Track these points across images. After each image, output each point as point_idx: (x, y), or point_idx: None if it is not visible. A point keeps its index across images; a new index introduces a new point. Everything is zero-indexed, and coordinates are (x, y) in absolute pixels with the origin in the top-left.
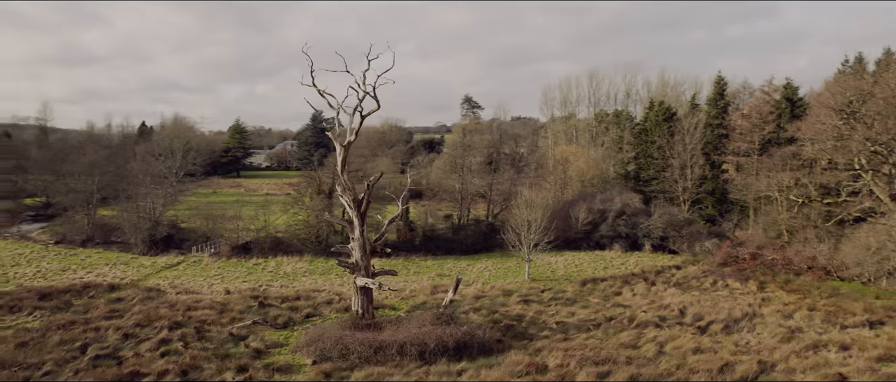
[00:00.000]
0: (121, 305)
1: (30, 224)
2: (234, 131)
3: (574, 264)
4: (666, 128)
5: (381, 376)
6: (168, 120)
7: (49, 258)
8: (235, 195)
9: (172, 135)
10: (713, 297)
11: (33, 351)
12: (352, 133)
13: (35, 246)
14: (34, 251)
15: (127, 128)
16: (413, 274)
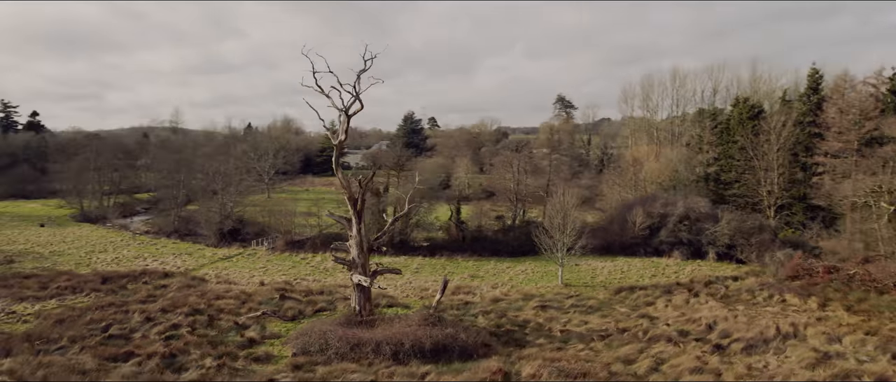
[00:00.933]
0: (160, 292)
1: (141, 216)
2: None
3: (620, 271)
4: (750, 126)
5: (345, 373)
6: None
7: (131, 246)
8: (322, 192)
9: (272, 135)
10: (758, 313)
11: (64, 328)
12: (342, 132)
13: (125, 235)
14: (123, 240)
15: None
16: (447, 274)
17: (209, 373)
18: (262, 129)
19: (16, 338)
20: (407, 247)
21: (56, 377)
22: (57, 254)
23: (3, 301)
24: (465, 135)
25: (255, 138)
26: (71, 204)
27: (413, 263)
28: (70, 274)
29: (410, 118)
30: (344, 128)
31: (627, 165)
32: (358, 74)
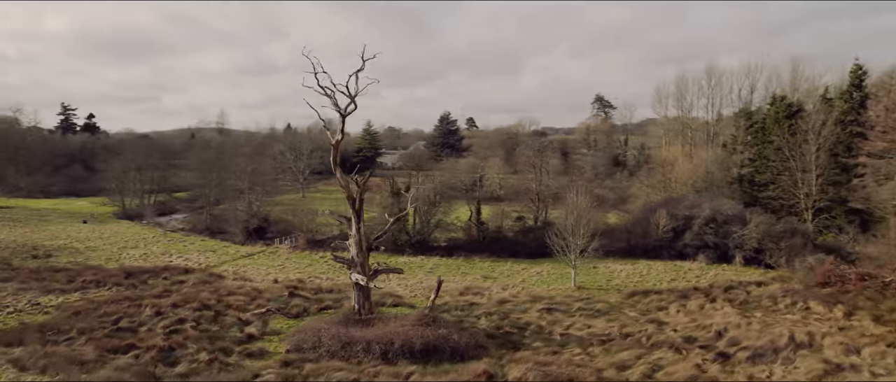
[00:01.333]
0: (176, 287)
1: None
2: (365, 133)
3: (639, 274)
4: (787, 125)
5: (331, 370)
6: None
7: (161, 243)
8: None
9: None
10: (775, 321)
11: (77, 320)
12: (339, 132)
13: (157, 232)
14: (155, 236)
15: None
16: (460, 274)
17: (199, 367)
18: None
19: (31, 329)
20: (425, 247)
21: (55, 366)
22: (91, 250)
23: (33, 293)
24: (500, 136)
25: (294, 138)
26: (114, 202)
27: (429, 263)
28: (98, 268)
29: (446, 118)
30: (340, 128)
31: (657, 167)
32: (355, 74)
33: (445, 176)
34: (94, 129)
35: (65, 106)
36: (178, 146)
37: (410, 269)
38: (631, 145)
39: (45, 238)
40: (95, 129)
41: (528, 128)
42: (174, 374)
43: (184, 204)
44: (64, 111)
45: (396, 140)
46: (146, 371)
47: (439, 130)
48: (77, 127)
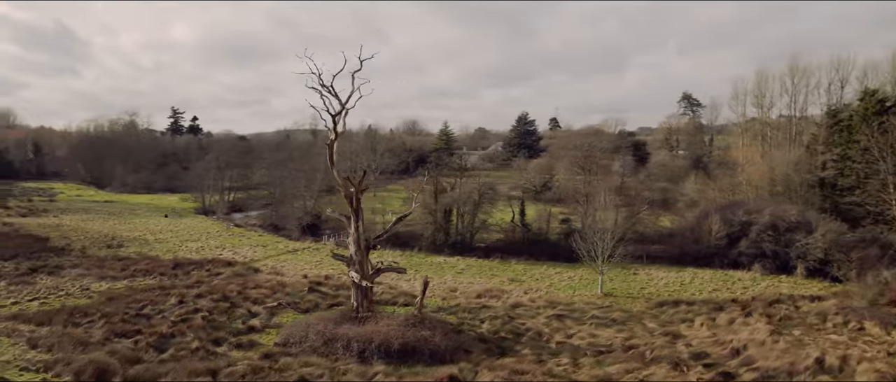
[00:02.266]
0: (209, 278)
1: (252, 212)
2: (441, 134)
3: (680, 282)
4: (877, 123)
5: (304, 365)
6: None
7: (221, 237)
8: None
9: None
10: (811, 341)
11: (108, 305)
12: (332, 132)
13: (221, 227)
14: (218, 231)
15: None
16: (488, 276)
17: (184, 354)
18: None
19: (64, 311)
20: (465, 248)
21: (60, 347)
22: (158, 242)
23: (89, 279)
24: (580, 137)
25: (373, 139)
26: (195, 198)
27: (462, 264)
28: (153, 259)
29: (523, 119)
30: (333, 128)
31: (726, 168)
32: (352, 74)
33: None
34: (197, 131)
35: (174, 109)
36: (266, 147)
37: (442, 269)
38: (716, 145)
39: (125, 230)
40: (198, 131)
41: (614, 129)
42: (157, 359)
43: (260, 202)
44: (173, 114)
45: (480, 141)
46: (134, 355)
47: (516, 131)
48: (183, 129)
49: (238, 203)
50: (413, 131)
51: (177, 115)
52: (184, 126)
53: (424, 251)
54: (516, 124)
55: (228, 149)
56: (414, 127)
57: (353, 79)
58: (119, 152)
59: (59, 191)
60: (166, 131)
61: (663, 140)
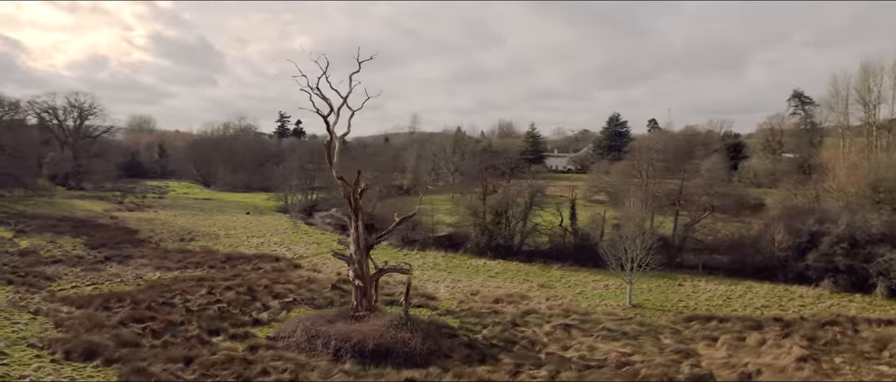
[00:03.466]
0: (250, 272)
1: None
2: (527, 136)
3: (727, 296)
4: None
5: (280, 359)
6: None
7: (286, 234)
8: None
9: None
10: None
11: (145, 293)
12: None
13: (289, 224)
14: (284, 228)
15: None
16: (520, 281)
17: (175, 341)
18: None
19: (102, 297)
20: (508, 251)
21: (74, 327)
22: (226, 237)
23: (147, 268)
24: (675, 139)
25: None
26: (278, 197)
27: (499, 268)
28: (211, 252)
29: (615, 120)
30: (328, 130)
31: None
32: (350, 77)
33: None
34: (300, 134)
35: (281, 114)
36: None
37: (476, 273)
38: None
39: (205, 225)
40: (301, 134)
41: (719, 129)
42: (150, 344)
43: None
44: (280, 118)
45: (581, 143)
46: (133, 339)
47: (606, 133)
48: (288, 132)
49: (320, 202)
50: (507, 133)
51: (283, 119)
52: (289, 129)
53: (469, 253)
54: (607, 125)
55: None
56: (508, 129)
57: (350, 81)
58: (224, 154)
59: (172, 188)
60: (273, 134)
61: (765, 142)
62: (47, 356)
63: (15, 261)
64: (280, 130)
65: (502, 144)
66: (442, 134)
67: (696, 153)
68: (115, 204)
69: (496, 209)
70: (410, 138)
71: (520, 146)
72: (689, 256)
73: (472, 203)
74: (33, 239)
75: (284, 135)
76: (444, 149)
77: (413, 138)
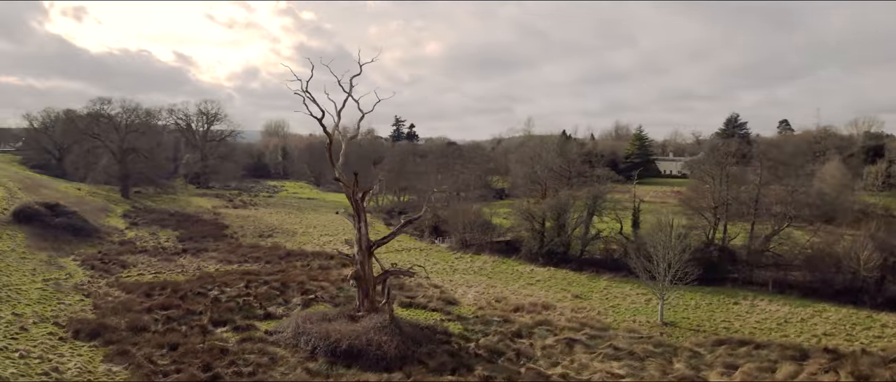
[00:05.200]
0: (297, 267)
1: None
2: (634, 138)
3: (784, 319)
4: None
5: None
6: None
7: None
8: None
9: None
10: None
11: (192, 283)
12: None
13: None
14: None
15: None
16: (557, 290)
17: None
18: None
19: (148, 285)
20: (557, 258)
21: (106, 311)
22: (303, 234)
23: (211, 261)
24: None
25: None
26: (370, 198)
27: (542, 275)
28: (277, 248)
29: (733, 121)
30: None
31: None
32: (350, 79)
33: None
34: (413, 137)
35: (397, 118)
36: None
37: (516, 278)
38: None
39: (290, 222)
40: (414, 137)
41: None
42: (156, 329)
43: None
44: (396, 122)
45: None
46: (142, 324)
47: (723, 135)
48: (403, 135)
49: (411, 203)
50: (619, 135)
51: (398, 123)
52: (403, 133)
53: (522, 259)
54: (724, 127)
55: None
56: (624, 131)
57: (351, 83)
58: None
59: (285, 188)
60: (388, 138)
61: None
62: (60, 333)
63: (110, 249)
64: (395, 134)
65: (610, 147)
66: (548, 136)
67: (828, 156)
68: (225, 201)
69: (549, 214)
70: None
71: (626, 149)
72: (762, 272)
73: (526, 207)
74: (139, 231)
75: (399, 138)
76: (540, 153)
77: (523, 141)
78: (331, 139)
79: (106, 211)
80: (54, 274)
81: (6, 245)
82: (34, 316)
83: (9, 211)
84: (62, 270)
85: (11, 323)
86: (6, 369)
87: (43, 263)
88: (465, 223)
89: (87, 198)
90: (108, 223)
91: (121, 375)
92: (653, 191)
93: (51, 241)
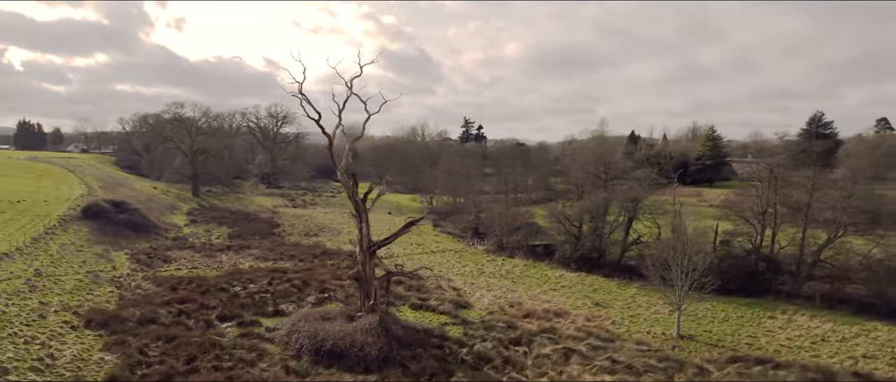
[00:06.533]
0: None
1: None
2: (706, 139)
3: (819, 338)
4: None
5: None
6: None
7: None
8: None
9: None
10: None
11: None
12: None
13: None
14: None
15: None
16: (578, 296)
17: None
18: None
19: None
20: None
21: (127, 302)
22: (347, 233)
23: (248, 258)
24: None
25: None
26: (422, 199)
27: (569, 280)
28: (315, 247)
29: (816, 120)
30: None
31: None
32: (350, 81)
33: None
34: (481, 139)
35: (466, 119)
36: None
37: (541, 283)
38: None
39: (339, 222)
40: (482, 139)
41: None
42: (163, 321)
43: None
44: (465, 124)
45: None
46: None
47: (803, 136)
48: (472, 136)
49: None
50: (696, 136)
51: (468, 125)
52: (472, 134)
53: (555, 263)
54: (806, 127)
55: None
56: (695, 133)
57: (351, 84)
58: (398, 157)
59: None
60: (457, 139)
61: None
62: (75, 322)
63: (162, 245)
64: (464, 135)
65: (682, 148)
66: (609, 137)
67: None
68: (288, 201)
69: (586, 217)
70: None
71: (697, 150)
72: (812, 284)
73: (560, 210)
74: (196, 228)
75: (467, 139)
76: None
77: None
78: (331, 140)
79: (173, 209)
80: (100, 267)
81: (69, 238)
82: (58, 305)
83: (80, 207)
84: (110, 263)
85: (34, 311)
86: (5, 353)
87: (96, 256)
88: (502, 225)
89: (158, 197)
90: (170, 220)
91: (111, 363)
92: (722, 194)
93: (110, 236)
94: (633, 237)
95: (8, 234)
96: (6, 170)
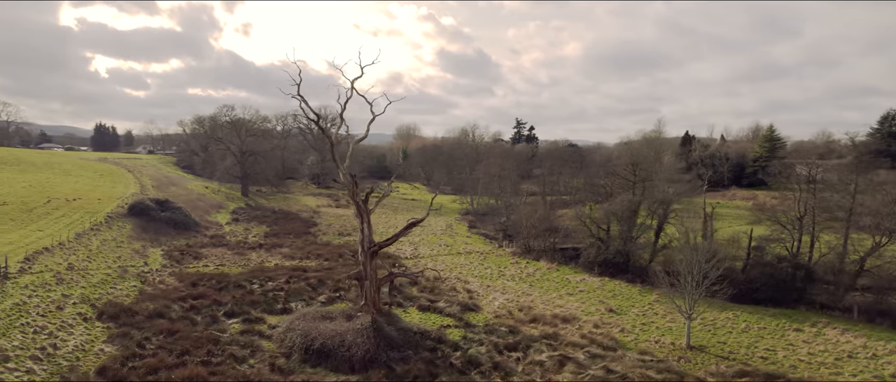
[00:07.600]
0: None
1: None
2: (762, 140)
3: (848, 354)
4: None
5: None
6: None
7: (441, 236)
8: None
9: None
10: None
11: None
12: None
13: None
14: (443, 229)
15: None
16: (593, 301)
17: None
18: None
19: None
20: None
21: (144, 295)
22: (381, 234)
23: (276, 256)
24: None
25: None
26: (462, 200)
27: (588, 285)
28: (343, 246)
29: (890, 118)
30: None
31: None
32: (351, 81)
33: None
34: (532, 140)
35: (518, 120)
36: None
37: (559, 287)
38: None
39: (379, 222)
40: (533, 139)
41: None
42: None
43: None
44: (517, 125)
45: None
46: (163, 311)
47: (877, 134)
48: (523, 137)
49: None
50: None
51: (519, 125)
52: (523, 135)
53: (580, 267)
54: (879, 125)
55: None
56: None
57: (352, 86)
58: (445, 158)
59: (396, 189)
60: (509, 140)
61: None
62: (89, 314)
63: (198, 242)
64: (516, 136)
65: (741, 149)
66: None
67: None
68: (332, 201)
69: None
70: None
71: (755, 151)
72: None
73: (585, 212)
74: (237, 226)
75: (518, 140)
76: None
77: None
78: (331, 141)
79: (219, 208)
80: (133, 262)
81: (112, 234)
82: (78, 298)
83: (128, 205)
84: (143, 259)
85: (54, 302)
86: (12, 341)
87: (133, 252)
88: (530, 227)
89: (208, 196)
90: (213, 218)
91: (109, 354)
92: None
93: (151, 233)
94: (663, 241)
95: (56, 230)
96: (72, 170)
